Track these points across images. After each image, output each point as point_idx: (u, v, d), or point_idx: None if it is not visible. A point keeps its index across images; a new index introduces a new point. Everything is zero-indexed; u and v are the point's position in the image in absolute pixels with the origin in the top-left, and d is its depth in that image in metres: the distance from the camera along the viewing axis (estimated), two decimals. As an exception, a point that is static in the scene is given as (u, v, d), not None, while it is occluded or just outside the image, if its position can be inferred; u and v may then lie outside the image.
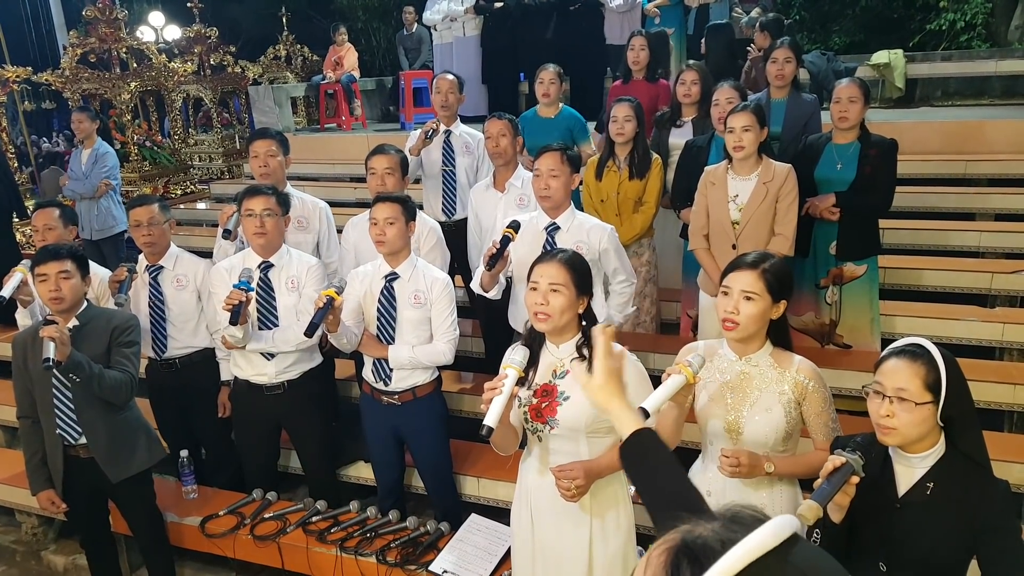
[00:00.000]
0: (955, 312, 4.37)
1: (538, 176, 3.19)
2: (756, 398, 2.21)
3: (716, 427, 2.28)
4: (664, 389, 1.93)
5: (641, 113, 4.07)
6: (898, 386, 1.78)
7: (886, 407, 1.80)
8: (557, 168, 3.14)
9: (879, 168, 3.73)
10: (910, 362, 1.79)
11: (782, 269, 2.19)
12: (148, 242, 3.56)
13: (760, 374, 2.23)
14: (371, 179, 3.65)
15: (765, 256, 2.21)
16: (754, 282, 2.13)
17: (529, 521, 2.45)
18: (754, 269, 2.14)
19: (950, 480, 1.82)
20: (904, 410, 1.77)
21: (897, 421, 1.78)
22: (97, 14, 7.90)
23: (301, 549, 3.23)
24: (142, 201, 3.63)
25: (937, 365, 1.78)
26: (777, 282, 2.15)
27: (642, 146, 4.08)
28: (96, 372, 2.88)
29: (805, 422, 2.25)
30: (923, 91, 7.92)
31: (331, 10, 14.71)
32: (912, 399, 1.76)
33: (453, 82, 4.47)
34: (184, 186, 8.51)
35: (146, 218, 3.53)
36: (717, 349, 2.32)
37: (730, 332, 2.18)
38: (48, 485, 3.16)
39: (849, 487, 1.79)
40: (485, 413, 1.98)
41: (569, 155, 3.19)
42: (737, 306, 2.14)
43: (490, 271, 3.05)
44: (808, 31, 11.51)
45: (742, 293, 2.14)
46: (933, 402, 1.77)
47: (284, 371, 3.37)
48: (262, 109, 9.03)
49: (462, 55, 8.26)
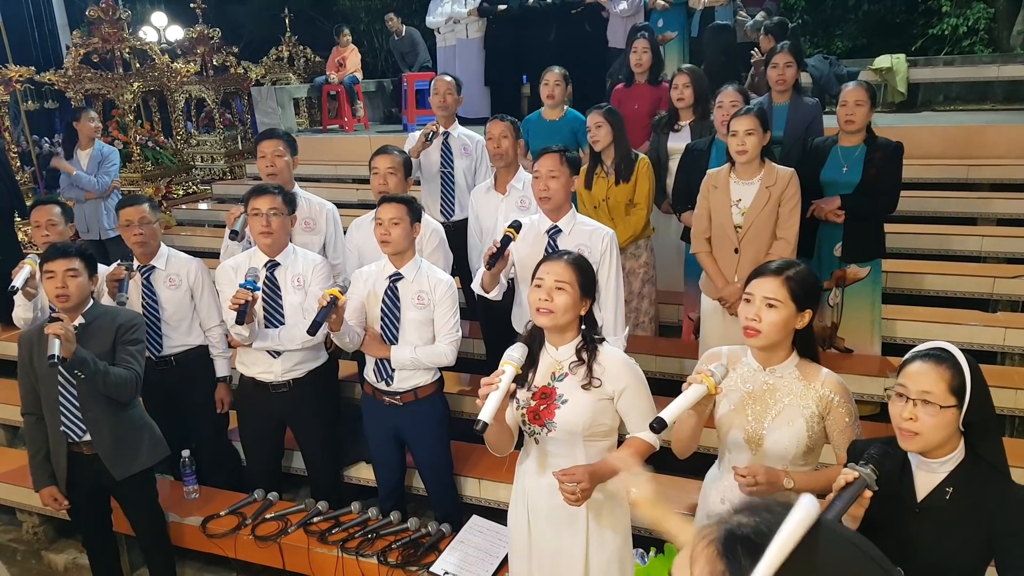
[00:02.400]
0: (957, 316, 4.37)
1: (537, 178, 3.19)
2: (779, 411, 2.17)
3: (736, 437, 2.24)
4: (684, 399, 1.92)
5: (615, 118, 4.03)
6: (923, 389, 1.76)
7: (909, 410, 1.78)
8: (556, 169, 3.14)
9: (884, 171, 3.74)
10: (935, 365, 1.77)
11: (808, 277, 2.14)
12: (139, 242, 3.57)
13: (785, 386, 2.17)
14: (374, 179, 3.66)
15: (790, 264, 2.17)
16: (777, 289, 2.09)
17: (526, 523, 2.45)
18: (778, 276, 2.10)
19: (969, 485, 1.81)
20: (928, 414, 1.75)
21: (920, 425, 1.76)
22: (100, 14, 7.90)
23: (302, 550, 3.23)
24: (132, 201, 3.63)
25: (962, 369, 1.76)
26: (802, 290, 2.10)
27: (623, 149, 4.06)
28: (101, 369, 2.89)
29: (828, 436, 2.20)
30: (925, 96, 7.93)
31: (333, 12, 14.72)
32: (937, 402, 1.74)
33: (451, 84, 4.48)
34: (186, 186, 8.50)
35: (137, 217, 3.54)
36: (741, 357, 2.27)
37: (752, 340, 2.13)
38: (51, 482, 3.17)
39: (863, 499, 1.77)
40: (480, 408, 1.99)
41: (568, 156, 3.18)
42: (759, 313, 2.09)
43: (490, 270, 3.05)
44: (810, 35, 11.51)
45: (764, 300, 2.09)
46: (956, 406, 1.75)
47: (290, 369, 3.38)
48: (264, 110, 9.04)
49: (465, 57, 8.27)
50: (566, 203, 3.25)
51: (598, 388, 2.26)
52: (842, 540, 0.80)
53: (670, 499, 3.08)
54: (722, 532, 0.80)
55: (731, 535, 0.79)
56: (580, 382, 2.26)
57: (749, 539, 0.77)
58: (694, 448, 2.24)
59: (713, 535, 0.80)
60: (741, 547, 0.77)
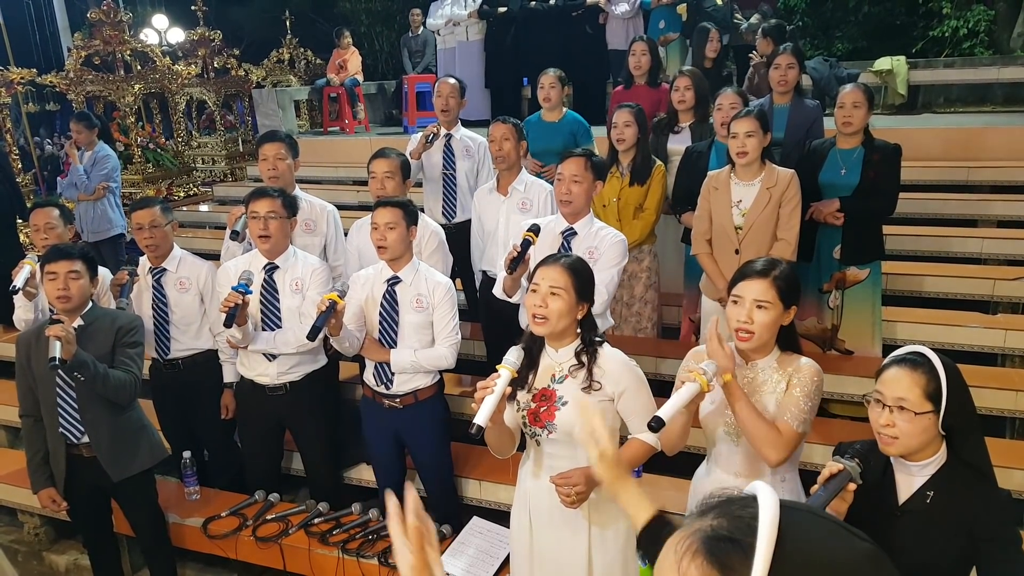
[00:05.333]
0: (957, 318, 4.37)
1: (560, 181, 3.19)
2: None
3: (720, 431, 2.28)
4: (678, 398, 1.94)
5: (643, 119, 4.07)
6: (898, 395, 1.77)
7: (886, 416, 1.78)
8: (580, 174, 3.14)
9: (883, 173, 3.74)
10: (910, 371, 1.77)
11: (791, 275, 2.18)
12: (150, 244, 3.56)
13: (765, 379, 2.21)
14: (372, 183, 3.66)
15: (774, 263, 2.18)
16: (766, 291, 2.10)
17: (528, 525, 2.45)
18: (765, 277, 2.12)
19: (951, 489, 1.81)
20: (904, 419, 1.76)
21: (897, 431, 1.77)
22: (101, 16, 7.92)
23: (303, 551, 3.23)
24: (144, 204, 3.63)
25: (938, 374, 1.76)
26: (788, 288, 2.13)
27: (644, 152, 4.08)
28: (101, 371, 2.89)
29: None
30: (925, 98, 7.94)
31: (334, 14, 14.74)
32: (912, 408, 1.75)
33: (454, 86, 4.49)
34: (187, 188, 8.52)
35: (147, 220, 3.54)
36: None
37: (744, 344, 2.15)
38: (49, 483, 3.17)
39: (847, 494, 1.78)
40: (476, 412, 1.99)
41: (594, 162, 3.19)
42: (751, 315, 2.11)
43: (511, 274, 3.04)
44: (811, 37, 11.50)
45: (755, 303, 2.11)
46: (933, 411, 1.75)
47: (286, 373, 3.38)
48: (265, 112, 9.05)
49: (465, 59, 8.28)
50: (586, 207, 3.24)
51: (598, 390, 2.27)
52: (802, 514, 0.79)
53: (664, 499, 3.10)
54: (702, 539, 0.76)
55: (712, 539, 0.76)
56: (580, 385, 2.27)
57: (732, 539, 0.75)
58: (683, 445, 2.26)
59: (694, 545, 0.76)
60: (729, 549, 0.74)
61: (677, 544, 0.78)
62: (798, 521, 0.77)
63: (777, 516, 0.75)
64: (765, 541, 0.73)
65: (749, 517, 0.76)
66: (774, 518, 0.75)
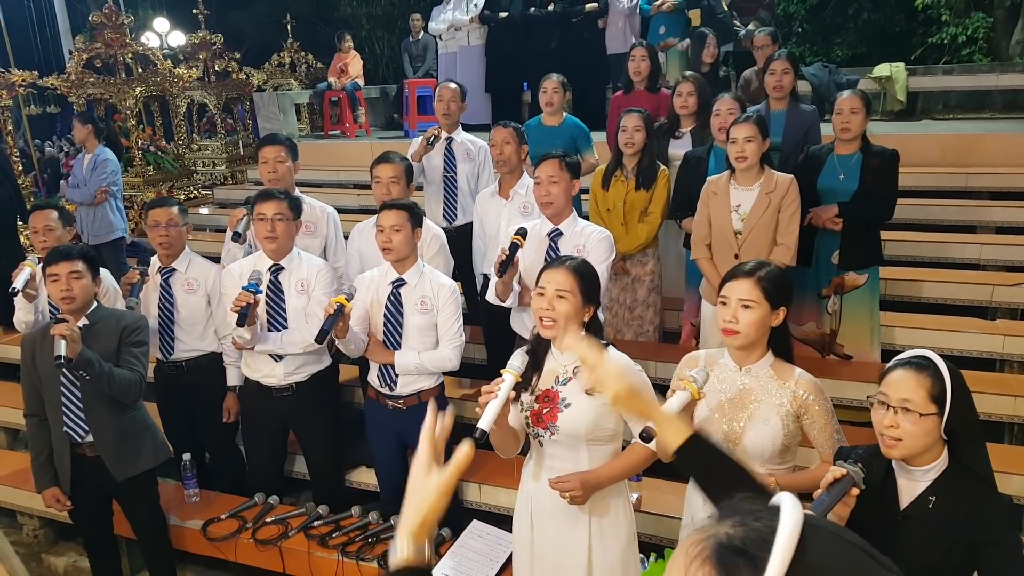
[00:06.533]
0: (956, 324, 4.39)
1: (538, 183, 3.23)
2: (754, 409, 2.22)
3: (716, 439, 2.28)
4: (669, 407, 1.95)
5: (651, 124, 4.11)
6: (903, 397, 1.78)
7: (890, 417, 1.79)
8: (557, 175, 3.18)
9: (881, 178, 3.76)
10: (916, 373, 1.79)
11: (779, 276, 2.21)
12: (164, 243, 3.58)
13: (760, 386, 2.23)
14: (376, 187, 3.67)
15: (761, 264, 2.23)
16: (751, 290, 2.15)
17: (529, 525, 2.46)
18: (750, 277, 2.17)
19: (952, 494, 1.82)
20: (908, 421, 1.77)
21: (901, 432, 1.78)
22: (103, 19, 7.94)
23: (303, 554, 3.24)
24: (162, 203, 3.67)
25: (943, 377, 1.78)
26: (774, 289, 2.17)
27: (649, 157, 4.11)
28: (106, 370, 2.91)
29: (808, 436, 2.25)
30: (924, 104, 7.96)
31: (335, 18, 14.77)
32: (916, 410, 1.76)
33: (455, 91, 4.51)
34: (188, 191, 8.53)
35: (164, 219, 3.56)
36: (718, 359, 2.33)
37: (731, 339, 2.20)
38: (54, 483, 3.17)
39: (849, 498, 1.79)
40: (480, 417, 2.00)
41: (568, 161, 3.24)
42: (736, 315, 2.16)
43: (501, 278, 3.07)
44: (810, 44, 11.55)
45: (740, 302, 2.16)
46: (937, 414, 1.76)
47: (292, 373, 3.39)
48: (266, 116, 9.06)
49: (466, 64, 8.30)
50: (567, 207, 3.28)
51: (601, 393, 2.27)
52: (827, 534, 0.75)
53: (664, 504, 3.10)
54: (714, 546, 0.74)
55: (724, 548, 0.73)
56: (583, 387, 2.28)
57: (745, 550, 0.72)
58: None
59: (705, 552, 0.74)
60: (740, 562, 0.71)
61: (690, 547, 0.76)
62: (819, 543, 0.73)
63: (797, 534, 0.72)
64: (779, 560, 0.70)
65: (767, 531, 0.73)
66: (793, 536, 0.71)
